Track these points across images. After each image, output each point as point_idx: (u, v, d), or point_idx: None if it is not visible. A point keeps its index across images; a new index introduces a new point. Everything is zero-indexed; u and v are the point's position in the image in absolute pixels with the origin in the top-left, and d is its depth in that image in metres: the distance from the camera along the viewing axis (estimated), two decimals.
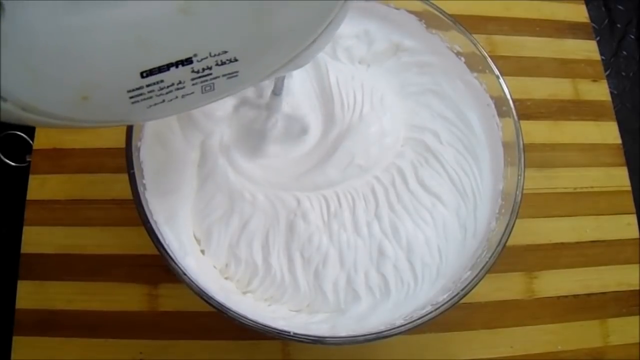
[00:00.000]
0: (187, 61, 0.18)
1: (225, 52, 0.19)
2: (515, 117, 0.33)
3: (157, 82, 0.18)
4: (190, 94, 0.20)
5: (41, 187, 0.39)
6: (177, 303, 0.37)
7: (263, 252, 0.32)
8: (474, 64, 0.35)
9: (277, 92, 0.31)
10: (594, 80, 0.47)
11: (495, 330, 0.38)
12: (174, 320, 0.36)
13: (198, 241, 0.32)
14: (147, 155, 0.31)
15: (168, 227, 0.30)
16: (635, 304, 0.40)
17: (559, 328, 0.39)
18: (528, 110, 0.45)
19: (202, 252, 0.32)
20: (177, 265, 0.27)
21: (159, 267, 0.36)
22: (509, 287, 0.39)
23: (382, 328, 0.28)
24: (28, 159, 0.39)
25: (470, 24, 0.35)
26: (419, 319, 0.28)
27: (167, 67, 0.18)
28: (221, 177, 0.33)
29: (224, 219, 0.32)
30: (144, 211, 0.28)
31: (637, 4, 0.53)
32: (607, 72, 0.49)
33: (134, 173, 0.29)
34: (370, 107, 0.35)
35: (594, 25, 0.50)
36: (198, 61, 0.18)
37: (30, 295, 0.36)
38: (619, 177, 0.44)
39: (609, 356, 0.39)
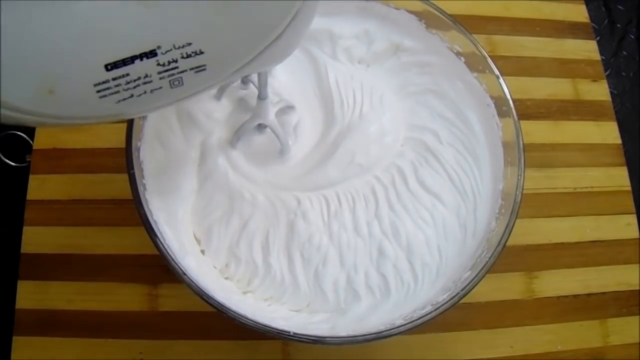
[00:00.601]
0: (152, 53, 0.18)
1: (190, 44, 0.18)
2: (515, 117, 0.33)
3: (123, 76, 0.18)
4: (158, 88, 0.20)
5: (41, 187, 0.39)
6: (177, 303, 0.37)
7: (263, 252, 0.32)
8: (474, 64, 0.35)
9: (262, 96, 0.31)
10: (594, 80, 0.47)
11: (495, 330, 0.38)
12: (174, 320, 0.36)
13: (198, 241, 0.32)
14: (147, 155, 0.31)
15: (168, 227, 0.30)
16: (635, 304, 0.40)
17: (559, 328, 0.39)
18: (528, 110, 0.45)
19: (202, 252, 0.32)
20: (177, 265, 0.27)
21: (159, 267, 0.36)
22: (509, 287, 0.39)
23: (382, 328, 0.28)
24: (28, 159, 0.39)
25: (470, 24, 0.35)
26: (419, 319, 0.28)
27: (131, 59, 0.18)
28: (221, 177, 0.33)
29: (223, 219, 0.32)
30: (144, 211, 0.28)
31: (637, 4, 0.53)
32: (607, 72, 0.49)
33: (134, 173, 0.29)
34: (370, 106, 0.35)
35: (594, 25, 0.50)
36: (162, 53, 0.18)
37: (30, 295, 0.36)
38: (619, 177, 0.44)
39: (609, 356, 0.39)
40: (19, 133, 0.40)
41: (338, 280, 0.32)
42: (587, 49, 0.48)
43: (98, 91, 0.18)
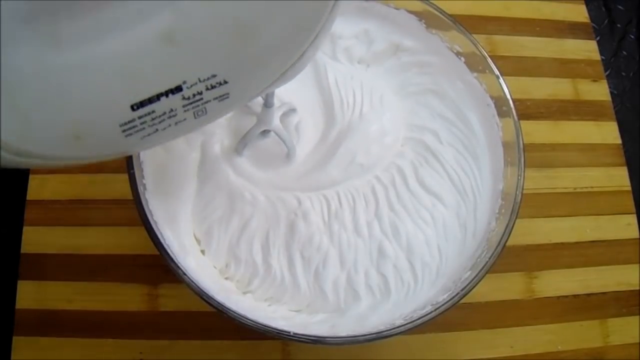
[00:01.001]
0: (177, 89, 0.18)
1: (214, 75, 0.18)
2: (515, 117, 0.33)
3: (149, 113, 0.18)
4: (182, 120, 0.19)
5: (41, 187, 0.39)
6: (177, 303, 0.37)
7: (263, 252, 0.32)
8: (474, 64, 0.35)
9: (268, 105, 0.31)
10: (594, 80, 0.47)
11: (495, 330, 0.38)
12: (174, 320, 0.36)
13: (198, 241, 0.32)
14: (147, 155, 0.31)
15: (168, 227, 0.30)
16: (635, 304, 0.40)
17: (559, 328, 0.39)
18: (528, 110, 0.45)
19: (202, 252, 0.32)
20: (177, 266, 0.27)
21: (159, 267, 0.36)
22: (509, 287, 0.39)
23: (382, 328, 0.28)
24: None
25: (470, 24, 0.35)
26: (419, 319, 0.28)
27: (157, 97, 0.18)
28: (221, 177, 0.33)
29: (224, 219, 0.32)
30: (144, 211, 0.28)
31: (637, 4, 0.53)
32: (607, 72, 0.49)
33: (134, 173, 0.29)
34: (370, 106, 0.35)
35: (594, 25, 0.50)
36: (188, 88, 0.18)
37: (30, 295, 0.36)
38: (619, 177, 0.44)
39: (609, 356, 0.39)
40: None
41: (338, 280, 0.32)
42: (587, 49, 0.48)
43: (124, 130, 0.18)
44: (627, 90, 0.49)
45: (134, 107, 0.17)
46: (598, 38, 0.50)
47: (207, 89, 0.19)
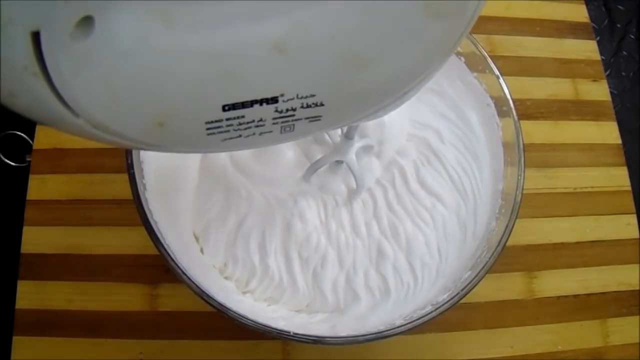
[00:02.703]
0: (273, 100, 0.17)
1: (313, 95, 0.18)
2: (515, 117, 0.33)
3: (238, 117, 0.17)
4: (268, 132, 0.19)
5: (41, 187, 0.39)
6: (177, 303, 0.37)
7: (260, 252, 0.32)
8: (474, 64, 0.35)
9: (349, 136, 0.30)
10: (594, 80, 0.47)
11: (495, 330, 0.38)
12: (174, 320, 0.36)
13: (197, 239, 0.32)
14: (147, 155, 0.31)
15: (168, 226, 0.30)
16: (635, 304, 0.40)
17: (559, 328, 0.39)
18: (528, 110, 0.45)
19: (202, 250, 0.32)
20: (177, 265, 0.27)
21: (159, 267, 0.36)
22: (509, 287, 0.39)
23: (382, 328, 0.28)
24: (28, 159, 0.39)
25: None
26: (418, 319, 0.27)
27: (251, 103, 0.17)
28: (219, 171, 0.33)
29: (220, 216, 0.32)
30: (144, 211, 0.28)
31: (637, 4, 0.53)
32: (607, 72, 0.49)
33: (134, 173, 0.29)
34: None
35: (594, 25, 0.50)
36: (284, 101, 0.17)
37: (30, 295, 0.36)
38: (619, 177, 0.44)
39: (609, 356, 0.39)
40: (19, 133, 0.40)
41: (337, 281, 0.32)
42: (587, 49, 0.48)
43: (208, 129, 0.17)
44: (627, 90, 0.49)
45: (226, 107, 0.17)
46: (598, 38, 0.49)
47: (302, 107, 0.18)
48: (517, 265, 0.40)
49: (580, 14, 0.50)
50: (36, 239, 0.38)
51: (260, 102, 0.17)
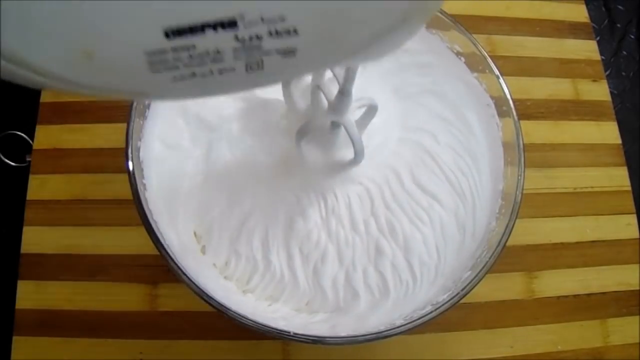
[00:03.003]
0: (230, 24, 0.13)
1: (283, 19, 0.14)
2: (515, 117, 0.33)
3: (187, 48, 0.14)
4: (229, 70, 0.15)
5: (41, 187, 0.39)
6: (177, 303, 0.37)
7: (263, 248, 0.32)
8: (474, 64, 0.35)
9: (345, 92, 0.25)
10: (594, 80, 0.47)
11: (495, 330, 0.38)
12: (174, 320, 0.36)
13: (199, 238, 0.32)
14: (147, 156, 0.31)
15: (168, 226, 0.30)
16: (635, 304, 0.40)
17: (559, 328, 0.39)
18: (528, 110, 0.45)
19: (203, 248, 0.32)
20: (177, 266, 0.27)
21: (159, 267, 0.36)
22: (509, 287, 0.39)
23: (382, 328, 0.28)
24: (28, 159, 0.39)
25: (470, 24, 0.35)
26: (418, 319, 0.28)
27: (201, 28, 0.13)
28: (224, 170, 0.33)
29: (225, 214, 0.32)
30: (144, 211, 0.28)
31: (637, 4, 0.53)
32: (607, 72, 0.49)
33: (134, 173, 0.29)
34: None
35: (594, 25, 0.50)
36: (245, 26, 0.14)
37: (30, 295, 0.36)
38: (619, 177, 0.44)
39: (609, 356, 0.39)
40: (19, 133, 0.40)
41: (337, 278, 0.32)
42: (587, 49, 0.48)
43: (150, 62, 0.14)
44: (627, 90, 0.49)
45: (169, 33, 0.13)
46: (598, 38, 0.50)
47: (270, 34, 0.14)
48: (517, 265, 0.40)
49: (580, 14, 0.50)
50: (36, 239, 0.38)
51: (214, 26, 0.13)
